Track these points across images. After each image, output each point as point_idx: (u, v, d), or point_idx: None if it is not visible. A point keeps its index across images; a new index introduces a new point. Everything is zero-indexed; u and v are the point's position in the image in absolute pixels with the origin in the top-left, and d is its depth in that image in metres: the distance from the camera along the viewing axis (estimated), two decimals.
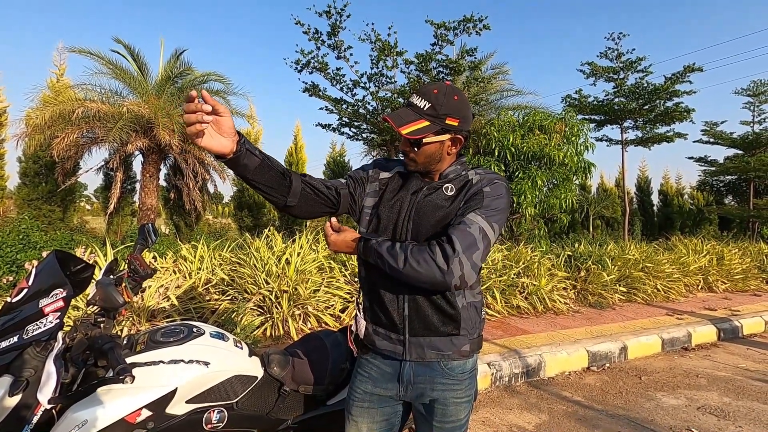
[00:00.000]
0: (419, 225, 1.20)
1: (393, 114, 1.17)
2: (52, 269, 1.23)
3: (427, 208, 1.21)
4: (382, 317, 1.23)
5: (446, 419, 1.25)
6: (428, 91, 1.17)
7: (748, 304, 6.02)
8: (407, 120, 1.16)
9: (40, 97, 8.44)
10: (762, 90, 15.13)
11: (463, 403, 1.26)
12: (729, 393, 3.24)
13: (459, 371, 1.25)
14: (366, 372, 1.29)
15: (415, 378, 1.24)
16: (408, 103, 1.20)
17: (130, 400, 1.23)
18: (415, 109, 1.17)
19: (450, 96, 1.17)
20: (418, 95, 1.18)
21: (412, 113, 1.17)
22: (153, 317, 3.49)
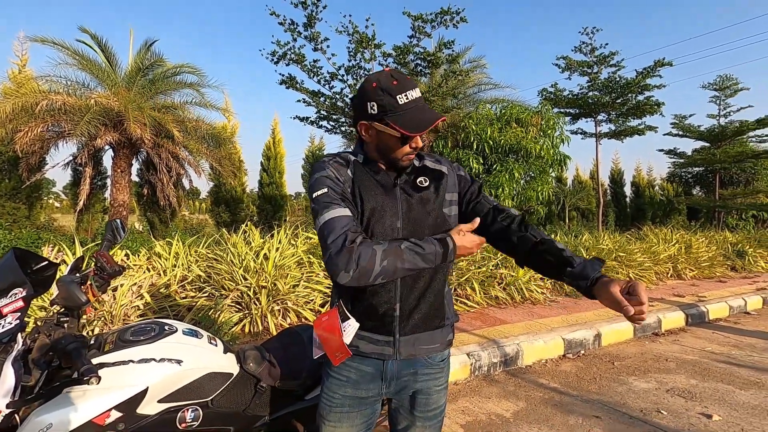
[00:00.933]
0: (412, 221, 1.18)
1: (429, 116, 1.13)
2: (10, 268, 1.17)
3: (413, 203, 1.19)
4: (369, 320, 1.18)
5: (429, 408, 1.27)
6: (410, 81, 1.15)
7: (714, 290, 6.28)
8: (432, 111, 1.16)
9: (0, 89, 8.03)
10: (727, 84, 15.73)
11: (443, 389, 1.29)
12: (696, 375, 3.38)
13: (439, 360, 1.27)
14: (344, 375, 1.22)
15: (399, 374, 1.22)
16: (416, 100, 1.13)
17: (98, 401, 1.18)
18: (421, 101, 1.16)
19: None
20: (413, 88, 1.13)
21: (425, 105, 1.16)
22: (127, 317, 3.39)
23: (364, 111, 1.15)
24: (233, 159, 10.59)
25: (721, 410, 2.76)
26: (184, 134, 8.59)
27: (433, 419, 1.29)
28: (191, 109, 9.43)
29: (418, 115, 1.12)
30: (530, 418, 2.66)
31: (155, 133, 8.18)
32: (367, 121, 1.16)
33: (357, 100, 1.17)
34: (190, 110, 9.43)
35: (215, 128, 9.78)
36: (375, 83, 1.12)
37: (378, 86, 1.12)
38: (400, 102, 1.11)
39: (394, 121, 1.11)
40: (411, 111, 1.12)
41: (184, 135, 8.52)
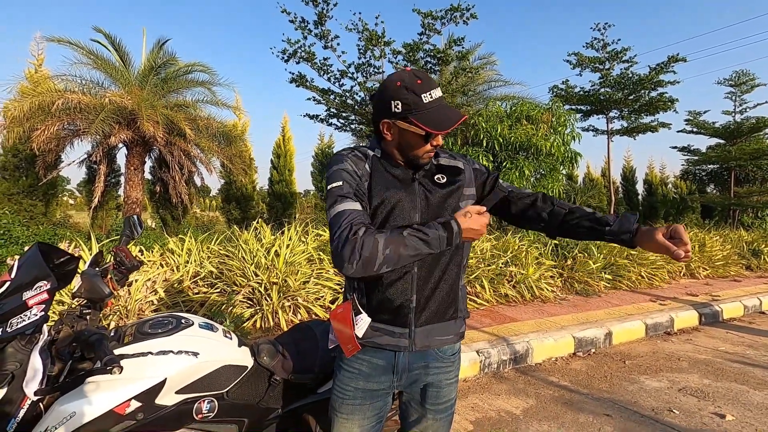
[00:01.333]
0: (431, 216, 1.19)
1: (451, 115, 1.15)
2: (35, 261, 1.21)
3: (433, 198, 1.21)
4: (385, 312, 1.19)
5: (440, 401, 1.28)
6: (432, 81, 1.17)
7: (729, 290, 6.19)
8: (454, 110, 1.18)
9: (17, 89, 8.19)
10: (743, 80, 15.41)
11: (454, 383, 1.30)
12: (709, 375, 3.34)
13: (450, 353, 1.28)
14: (356, 368, 1.24)
15: (410, 366, 1.24)
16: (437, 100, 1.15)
17: (118, 391, 1.22)
18: (443, 100, 1.18)
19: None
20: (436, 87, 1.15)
21: (447, 105, 1.18)
22: (141, 311, 3.46)
23: (387, 109, 1.15)
24: (244, 157, 10.66)
25: (735, 410, 2.73)
26: (196, 132, 8.68)
27: (443, 412, 1.30)
28: (203, 107, 9.53)
29: (443, 114, 1.14)
30: (540, 416, 2.66)
31: (168, 131, 8.28)
32: (390, 120, 1.17)
33: (379, 98, 1.18)
34: (202, 108, 9.54)
35: (226, 126, 9.87)
36: (399, 82, 1.13)
37: (402, 85, 1.13)
38: (425, 101, 1.12)
39: (419, 120, 1.12)
40: (435, 110, 1.14)
41: (195, 133, 8.61)
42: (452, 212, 1.22)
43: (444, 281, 1.22)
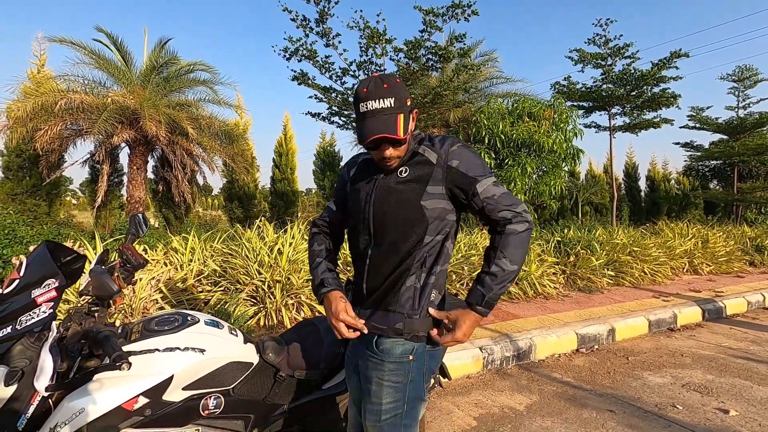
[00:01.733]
0: (380, 211, 1.23)
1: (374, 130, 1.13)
2: (43, 260, 1.22)
3: (384, 192, 1.24)
4: (356, 296, 1.31)
5: (370, 399, 1.22)
6: (380, 89, 1.14)
7: (732, 286, 6.18)
8: (392, 125, 1.14)
9: (20, 89, 8.22)
10: (746, 75, 15.32)
11: (386, 385, 1.20)
12: (712, 370, 3.34)
13: (386, 352, 1.21)
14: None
15: (354, 350, 1.32)
16: (370, 113, 1.15)
17: (126, 387, 1.23)
18: (384, 112, 1.14)
19: (394, 81, 1.17)
20: (375, 98, 1.14)
21: (387, 116, 1.14)
22: (146, 310, 3.48)
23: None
24: (246, 155, 10.69)
25: (738, 405, 2.73)
26: (198, 131, 8.70)
27: (372, 415, 1.21)
28: (205, 106, 9.55)
29: (366, 127, 1.15)
30: (543, 412, 2.67)
31: (170, 130, 8.30)
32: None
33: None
34: (204, 107, 9.56)
35: (228, 125, 9.89)
36: (356, 88, 1.21)
37: (356, 89, 1.20)
38: (360, 110, 1.17)
39: (357, 128, 1.20)
40: (365, 122, 1.16)
41: (198, 132, 8.63)
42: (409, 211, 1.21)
43: (392, 276, 1.22)
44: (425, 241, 1.21)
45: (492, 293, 1.15)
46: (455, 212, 1.25)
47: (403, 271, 1.21)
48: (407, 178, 1.22)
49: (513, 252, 1.15)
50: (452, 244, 1.28)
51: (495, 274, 1.15)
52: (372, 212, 1.24)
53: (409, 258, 1.21)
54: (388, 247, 1.22)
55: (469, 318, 1.17)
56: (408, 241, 1.21)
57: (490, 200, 1.18)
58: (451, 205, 1.23)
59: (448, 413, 2.64)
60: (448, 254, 1.27)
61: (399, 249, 1.22)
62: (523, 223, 1.16)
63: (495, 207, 1.17)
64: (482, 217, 1.22)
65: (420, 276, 1.22)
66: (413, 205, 1.20)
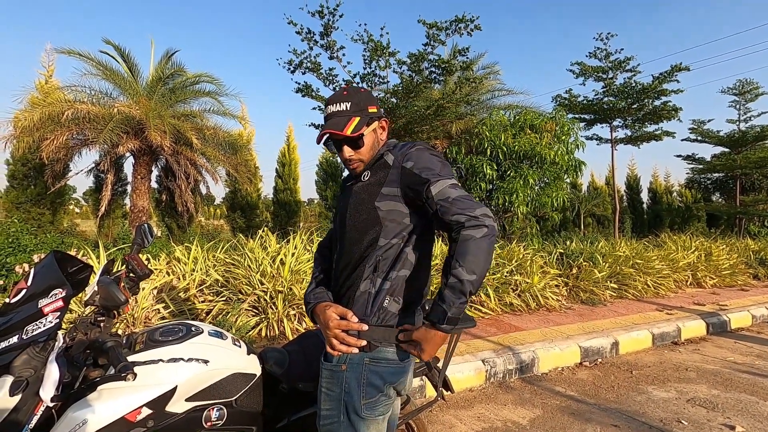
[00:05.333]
0: (343, 216, 1.29)
1: (325, 126, 1.24)
2: (50, 269, 1.23)
3: (349, 198, 1.29)
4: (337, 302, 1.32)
5: (320, 408, 1.24)
6: (339, 96, 1.26)
7: (736, 299, 6.13)
8: (342, 124, 1.22)
9: (28, 99, 8.32)
10: (747, 89, 15.40)
11: (323, 391, 1.23)
12: (718, 385, 3.31)
13: (326, 357, 1.26)
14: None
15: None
16: (328, 116, 1.26)
17: (130, 398, 1.23)
18: (340, 114, 1.24)
19: (357, 91, 1.27)
20: (333, 103, 1.25)
21: (341, 117, 1.24)
22: (148, 320, 3.48)
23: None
24: (249, 165, 10.74)
25: (745, 421, 2.70)
26: (202, 141, 8.77)
27: (317, 418, 1.25)
28: (209, 117, 9.63)
29: (325, 126, 1.25)
30: (547, 426, 2.64)
31: (174, 140, 8.37)
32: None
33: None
34: (208, 118, 9.63)
35: (232, 135, 9.96)
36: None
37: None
38: (324, 114, 1.28)
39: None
40: (324, 123, 1.26)
41: (202, 142, 8.69)
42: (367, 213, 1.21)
43: (350, 279, 1.24)
44: (380, 244, 1.18)
45: (454, 308, 1.06)
46: (414, 216, 1.19)
47: (358, 276, 1.21)
48: (368, 182, 1.25)
49: (470, 260, 1.03)
50: (416, 251, 1.22)
51: (453, 287, 1.05)
52: (339, 217, 1.32)
53: (363, 261, 1.20)
54: (347, 250, 1.25)
55: (433, 339, 1.10)
56: (362, 243, 1.20)
57: (444, 202, 1.09)
58: (407, 209, 1.18)
59: (450, 427, 2.62)
60: (409, 261, 1.20)
61: (354, 252, 1.22)
62: (481, 228, 1.04)
63: (448, 209, 1.08)
64: (437, 221, 1.14)
65: (375, 281, 1.19)
66: (368, 206, 1.20)
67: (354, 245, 1.22)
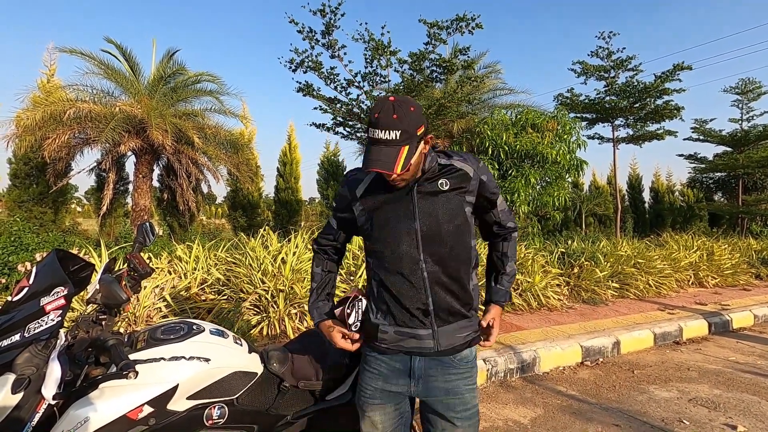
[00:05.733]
0: (432, 223, 1.26)
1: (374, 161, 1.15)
2: (52, 268, 1.23)
3: (430, 204, 1.27)
4: (406, 317, 1.27)
5: (466, 407, 1.31)
6: (388, 120, 1.14)
7: (738, 299, 6.12)
8: (392, 160, 1.14)
9: (30, 98, 8.34)
10: (750, 88, 15.35)
11: (474, 389, 1.35)
12: (719, 385, 3.30)
13: (467, 359, 1.33)
14: (375, 369, 1.34)
15: (427, 371, 1.29)
16: (375, 141, 1.16)
17: (131, 396, 1.23)
18: (389, 143, 1.15)
19: (407, 110, 1.16)
20: (383, 129, 1.15)
21: (390, 149, 1.15)
22: (149, 318, 3.49)
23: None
24: (250, 164, 10.74)
25: (747, 421, 2.69)
26: (204, 140, 8.77)
27: (469, 419, 1.33)
28: (211, 115, 9.63)
29: (373, 155, 1.16)
30: (548, 426, 2.64)
31: (176, 139, 8.37)
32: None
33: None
34: (210, 117, 9.64)
35: (233, 134, 9.96)
36: (374, 106, 1.21)
37: (370, 111, 1.23)
38: (370, 134, 1.18)
39: (365, 149, 1.23)
40: (371, 148, 1.18)
41: (203, 141, 8.70)
42: (458, 222, 1.28)
43: (457, 283, 1.29)
44: (472, 245, 1.35)
45: (510, 290, 1.45)
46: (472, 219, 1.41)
47: (464, 277, 1.31)
48: (450, 189, 1.29)
49: (515, 254, 1.47)
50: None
51: (509, 274, 1.44)
52: (419, 224, 1.26)
53: (465, 264, 1.32)
54: (447, 255, 1.28)
55: (499, 315, 1.41)
56: (465, 245, 1.32)
57: (503, 213, 1.43)
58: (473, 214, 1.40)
59: None
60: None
61: (459, 256, 1.30)
62: (516, 231, 1.48)
63: (506, 218, 1.43)
64: (492, 225, 1.44)
65: (473, 279, 1.35)
66: (460, 212, 1.31)
67: (455, 250, 1.30)
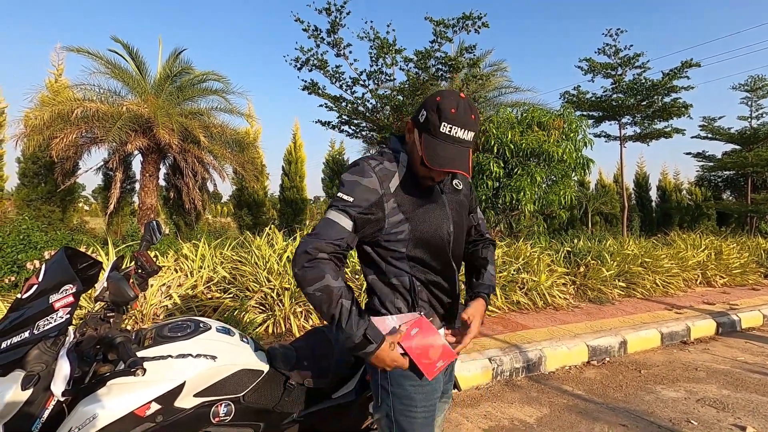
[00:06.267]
0: (457, 225, 1.27)
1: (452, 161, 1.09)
2: (61, 265, 1.25)
3: (457, 206, 1.30)
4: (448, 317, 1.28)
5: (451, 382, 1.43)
6: (469, 121, 1.09)
7: (747, 298, 6.06)
8: (467, 160, 1.12)
9: (38, 98, 8.43)
10: (759, 85, 15.16)
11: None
12: (728, 385, 3.27)
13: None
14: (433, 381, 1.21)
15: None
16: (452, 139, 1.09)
17: (139, 393, 1.24)
18: (465, 144, 1.10)
19: (477, 112, 1.13)
20: (462, 128, 1.08)
21: (465, 150, 1.11)
22: (156, 316, 3.51)
23: (418, 113, 1.15)
24: (256, 163, 10.79)
25: (756, 422, 2.67)
26: (210, 139, 8.82)
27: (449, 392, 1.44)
28: (216, 114, 9.69)
29: (447, 151, 1.08)
30: (554, 425, 2.63)
31: (182, 138, 8.43)
32: (413, 123, 1.18)
33: (423, 100, 1.17)
34: (216, 116, 9.70)
35: (239, 133, 10.01)
36: (440, 98, 1.10)
37: (440, 101, 1.09)
38: (441, 129, 1.07)
39: (425, 142, 1.10)
40: (444, 144, 1.09)
41: (209, 140, 8.75)
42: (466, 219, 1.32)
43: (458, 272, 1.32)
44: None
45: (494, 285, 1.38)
46: None
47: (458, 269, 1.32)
48: (462, 191, 1.33)
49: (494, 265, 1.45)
50: None
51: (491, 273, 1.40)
52: (453, 226, 1.24)
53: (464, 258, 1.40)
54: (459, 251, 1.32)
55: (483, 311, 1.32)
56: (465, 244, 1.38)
57: (482, 220, 1.45)
58: None
59: (457, 425, 2.61)
60: None
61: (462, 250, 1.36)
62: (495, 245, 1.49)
63: (484, 226, 1.46)
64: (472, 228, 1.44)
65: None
66: (467, 214, 1.36)
67: (462, 245, 1.33)
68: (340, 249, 1.11)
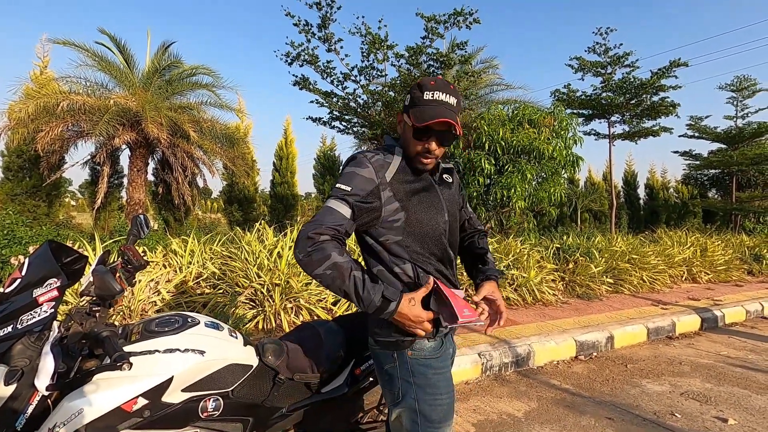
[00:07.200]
0: (451, 215, 1.31)
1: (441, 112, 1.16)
2: (45, 259, 1.23)
3: (451, 197, 1.33)
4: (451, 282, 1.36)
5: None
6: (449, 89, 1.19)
7: (730, 294, 6.18)
8: (455, 119, 1.18)
9: (23, 90, 8.25)
10: (745, 85, 15.42)
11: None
12: (711, 379, 3.34)
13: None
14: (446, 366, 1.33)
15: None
16: (436, 102, 1.17)
17: (126, 388, 1.23)
18: (449, 107, 1.18)
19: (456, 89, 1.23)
20: (443, 92, 1.17)
21: (451, 112, 1.18)
22: (144, 312, 3.48)
23: (403, 102, 1.26)
24: (246, 159, 10.70)
25: (737, 414, 2.73)
26: (199, 134, 8.72)
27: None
28: (206, 109, 9.58)
29: (433, 110, 1.16)
30: (542, 419, 2.66)
31: (171, 132, 8.32)
32: (401, 112, 1.27)
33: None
34: (205, 111, 9.58)
35: (229, 128, 9.91)
36: (420, 80, 1.21)
37: (420, 82, 1.21)
38: (425, 97, 1.17)
39: (412, 113, 1.19)
40: (430, 107, 1.16)
41: (199, 135, 8.65)
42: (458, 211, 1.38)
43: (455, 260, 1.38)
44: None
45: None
46: None
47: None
48: (453, 184, 1.38)
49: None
50: None
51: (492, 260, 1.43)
52: (447, 216, 1.29)
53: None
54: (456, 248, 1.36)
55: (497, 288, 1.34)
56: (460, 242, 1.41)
57: (473, 213, 1.51)
58: None
59: None
60: None
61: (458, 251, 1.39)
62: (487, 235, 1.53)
63: (475, 218, 1.52)
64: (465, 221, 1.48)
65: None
66: (459, 205, 1.42)
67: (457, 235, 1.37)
68: (339, 233, 1.13)
